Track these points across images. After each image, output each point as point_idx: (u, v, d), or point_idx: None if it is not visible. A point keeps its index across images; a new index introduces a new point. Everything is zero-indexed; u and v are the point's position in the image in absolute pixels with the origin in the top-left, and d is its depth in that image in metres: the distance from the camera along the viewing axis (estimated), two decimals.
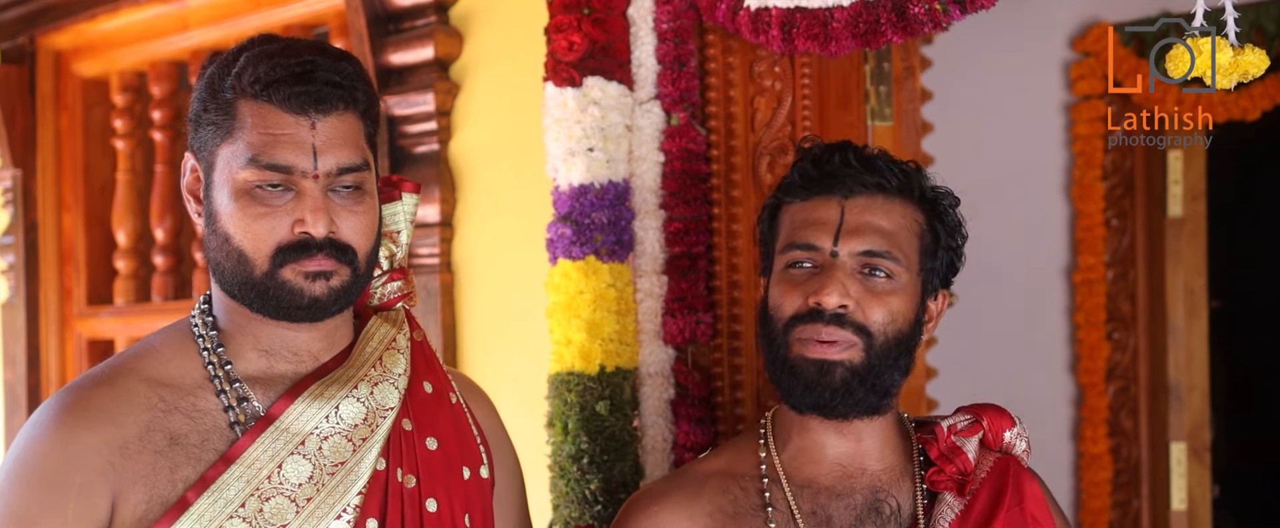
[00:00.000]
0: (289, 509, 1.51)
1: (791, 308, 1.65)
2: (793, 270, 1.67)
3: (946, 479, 1.66)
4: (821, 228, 1.66)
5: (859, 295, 1.63)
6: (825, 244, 1.65)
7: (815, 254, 1.66)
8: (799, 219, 1.69)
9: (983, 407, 1.73)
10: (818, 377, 1.63)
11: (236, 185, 1.52)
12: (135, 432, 1.51)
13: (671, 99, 2.14)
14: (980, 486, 1.66)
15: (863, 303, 1.63)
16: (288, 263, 1.52)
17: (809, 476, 1.69)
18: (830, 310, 1.62)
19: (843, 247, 1.65)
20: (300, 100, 1.51)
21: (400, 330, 1.69)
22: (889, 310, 1.64)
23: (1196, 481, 3.49)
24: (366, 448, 1.57)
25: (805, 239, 1.66)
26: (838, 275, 1.63)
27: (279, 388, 1.58)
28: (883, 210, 1.67)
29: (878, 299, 1.64)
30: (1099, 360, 3.46)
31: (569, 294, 2.07)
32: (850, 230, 1.65)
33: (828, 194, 1.67)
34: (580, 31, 2.09)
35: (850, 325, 1.62)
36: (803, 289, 1.64)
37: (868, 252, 1.64)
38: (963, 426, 1.70)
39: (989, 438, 1.70)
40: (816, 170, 1.69)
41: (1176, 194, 3.45)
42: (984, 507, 1.64)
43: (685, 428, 2.11)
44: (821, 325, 1.62)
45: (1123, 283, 3.49)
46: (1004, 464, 1.68)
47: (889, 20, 1.90)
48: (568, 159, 2.09)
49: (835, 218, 1.66)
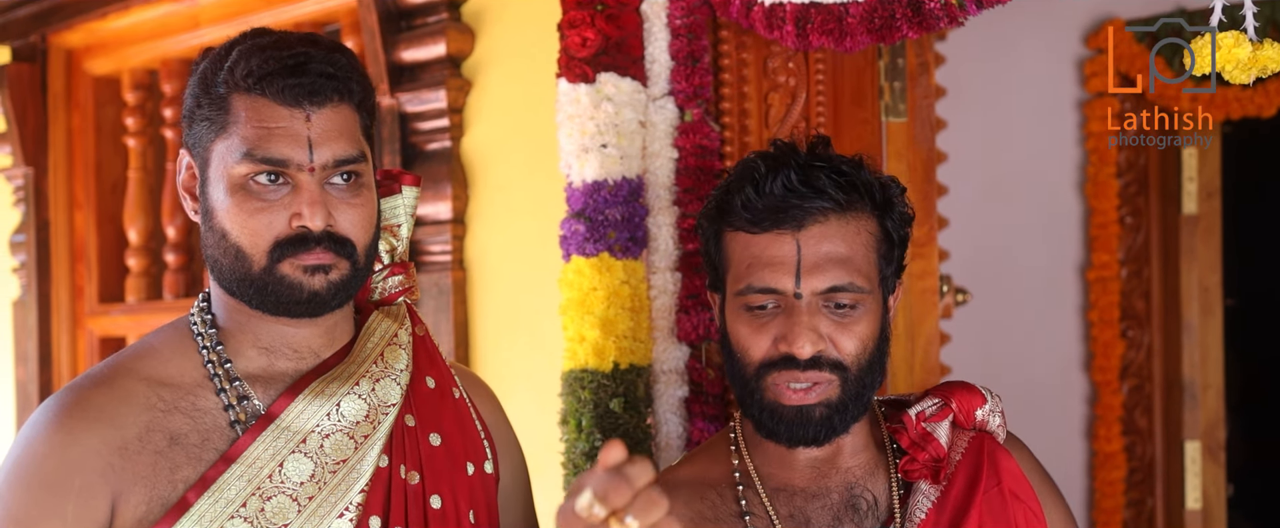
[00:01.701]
0: (291, 509, 1.49)
1: (760, 352, 1.58)
2: (755, 312, 1.59)
3: (920, 467, 1.63)
4: (779, 268, 1.57)
5: (830, 332, 1.57)
6: (786, 287, 1.57)
7: (777, 296, 1.58)
8: (751, 256, 1.60)
9: (952, 387, 1.69)
10: (798, 418, 1.59)
11: (232, 180, 1.50)
12: (135, 432, 1.49)
13: (685, 95, 2.13)
14: (955, 469, 1.63)
15: (835, 338, 1.57)
16: (286, 257, 1.50)
17: (783, 479, 1.66)
18: (804, 359, 1.56)
19: (806, 286, 1.56)
20: (294, 92, 1.49)
21: (402, 325, 1.68)
22: (860, 340, 1.58)
23: (1211, 479, 3.48)
24: (369, 445, 1.55)
25: (764, 282, 1.58)
26: (804, 320, 1.56)
27: (279, 386, 1.57)
28: (838, 234, 1.58)
29: (847, 332, 1.58)
30: (1113, 358, 3.45)
31: (582, 291, 2.06)
32: (810, 268, 1.56)
33: (778, 228, 1.58)
34: (594, 27, 2.08)
35: (826, 365, 1.57)
36: (768, 332, 1.58)
37: (832, 288, 1.57)
38: (931, 411, 1.66)
39: (960, 418, 1.66)
40: (762, 202, 1.58)
41: (1191, 191, 3.43)
42: (960, 491, 1.61)
43: (699, 425, 2.10)
44: (799, 372, 1.56)
45: (1137, 280, 3.48)
46: (978, 444, 1.65)
47: (904, 15, 1.89)
48: (581, 155, 2.09)
49: (792, 256, 1.57)
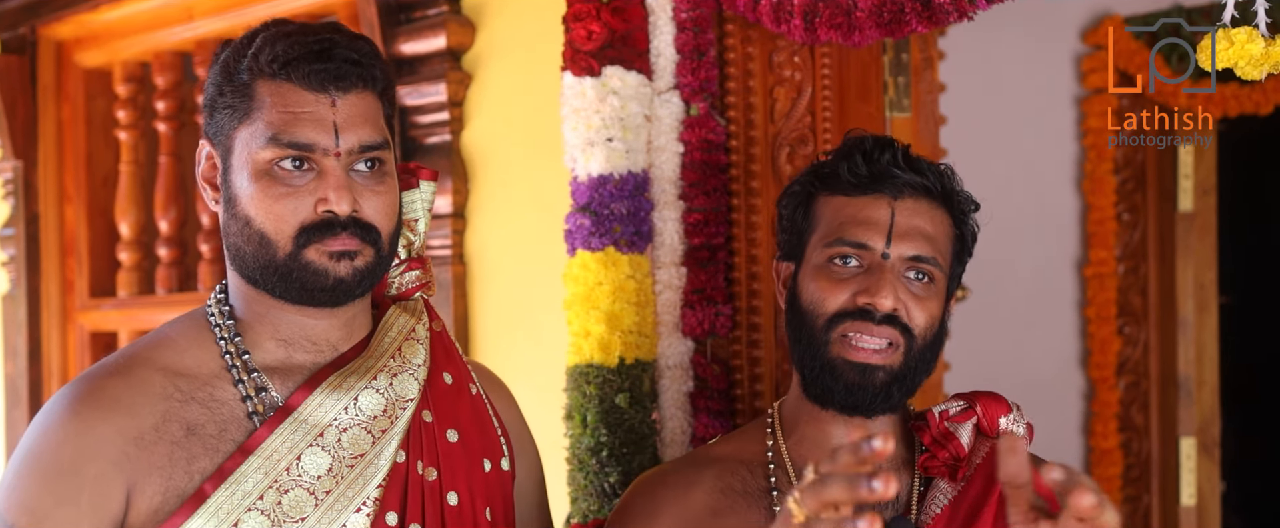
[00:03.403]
0: (308, 502, 1.48)
1: (836, 304, 1.64)
2: (835, 266, 1.66)
3: (939, 465, 1.66)
4: (873, 228, 1.65)
5: (905, 298, 1.64)
6: (877, 245, 1.65)
7: (864, 253, 1.65)
8: (846, 215, 1.67)
9: (978, 394, 1.73)
10: (859, 379, 1.63)
11: (256, 166, 1.49)
12: (151, 422, 1.48)
13: (691, 89, 2.11)
14: (974, 471, 1.66)
15: (909, 306, 1.64)
16: (311, 243, 1.49)
17: (812, 461, 1.68)
18: (883, 313, 1.62)
19: (894, 249, 1.64)
20: (320, 77, 1.49)
21: (419, 321, 1.67)
22: (929, 314, 1.65)
23: (1206, 476, 3.49)
24: (386, 440, 1.54)
25: (856, 237, 1.65)
26: (889, 278, 1.63)
27: (297, 378, 1.55)
28: (927, 214, 1.68)
29: (920, 303, 1.65)
30: (1110, 355, 3.45)
31: (588, 285, 2.05)
32: (901, 233, 1.65)
33: (877, 192, 1.67)
34: (599, 20, 2.07)
35: (899, 326, 1.63)
36: (848, 287, 1.64)
37: (917, 256, 1.65)
38: (955, 411, 1.70)
39: (984, 425, 1.70)
40: (868, 167, 1.67)
41: (1187, 188, 3.44)
42: (977, 492, 1.64)
43: (704, 421, 2.09)
44: (873, 325, 1.62)
45: (1134, 277, 3.48)
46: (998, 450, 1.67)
47: (914, 9, 1.88)
48: (586, 149, 2.07)
49: (886, 218, 1.65)
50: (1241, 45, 1.67)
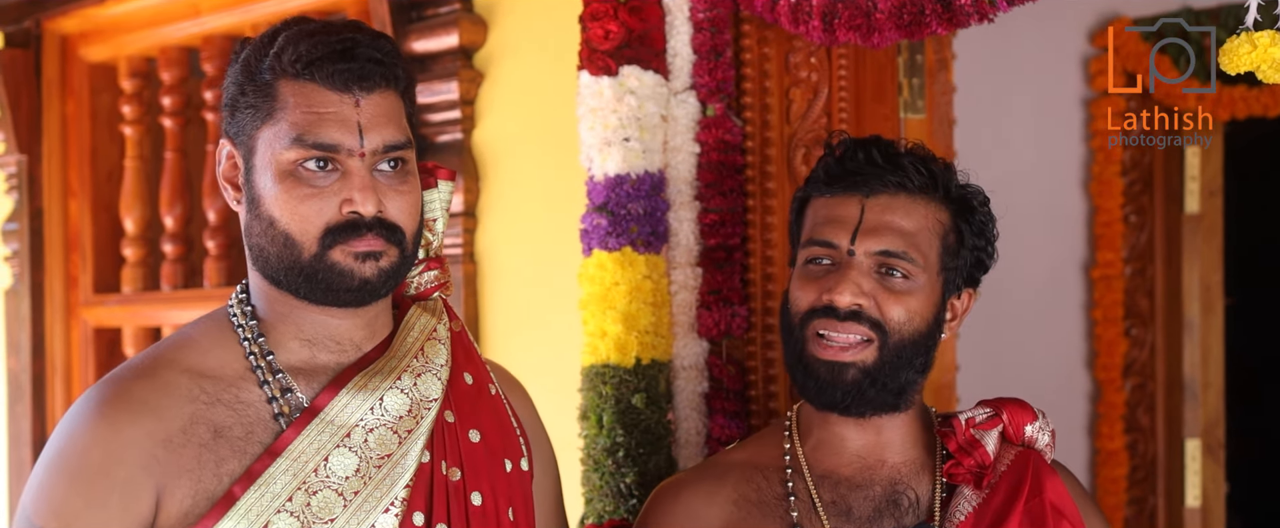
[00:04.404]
0: (337, 503, 1.47)
1: (806, 302, 1.67)
2: (811, 266, 1.69)
3: (964, 472, 1.67)
4: (840, 225, 1.67)
5: (874, 292, 1.64)
6: (842, 242, 1.66)
7: (833, 252, 1.67)
8: (821, 215, 1.70)
9: (1004, 401, 1.73)
10: (830, 377, 1.65)
11: (280, 167, 1.48)
12: (179, 425, 1.47)
13: (707, 89, 2.11)
14: (999, 479, 1.65)
15: (879, 300, 1.64)
16: (337, 244, 1.48)
17: (830, 467, 1.71)
18: (843, 309, 1.63)
19: (860, 245, 1.66)
20: (344, 77, 1.48)
21: (440, 321, 1.66)
22: (906, 309, 1.65)
23: (1210, 477, 3.49)
24: (412, 440, 1.54)
25: (823, 236, 1.68)
26: (852, 274, 1.64)
27: (322, 379, 1.55)
28: (904, 210, 1.67)
29: (895, 298, 1.65)
30: (1116, 356, 3.45)
31: (604, 286, 2.04)
32: (868, 229, 1.65)
33: (850, 191, 1.68)
34: (616, 20, 2.06)
35: (866, 321, 1.64)
36: (818, 285, 1.66)
37: (884, 252, 1.65)
38: (981, 418, 1.70)
39: (1010, 432, 1.70)
40: (840, 167, 1.70)
41: (1193, 190, 3.44)
42: (1002, 500, 1.64)
43: (719, 421, 2.09)
44: (837, 322, 1.63)
45: (1140, 279, 3.48)
46: (1024, 458, 1.67)
47: (934, 11, 1.88)
48: (603, 149, 2.06)
49: (855, 216, 1.66)
50: (1264, 49, 1.67)
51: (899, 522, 1.65)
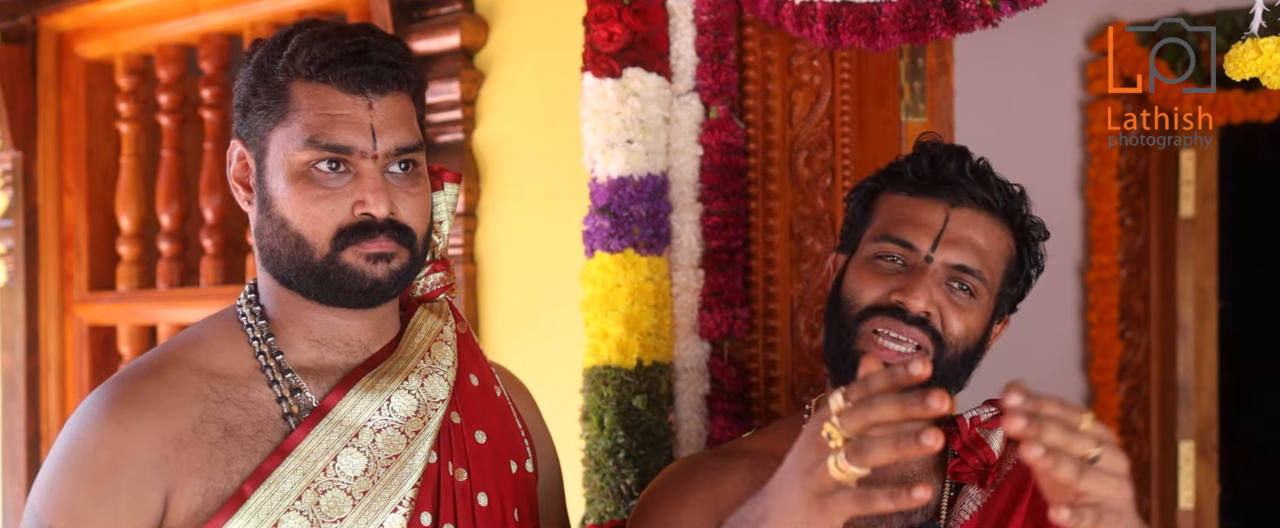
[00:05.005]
0: (345, 503, 1.48)
1: (871, 298, 1.64)
2: (881, 262, 1.66)
3: (969, 471, 1.66)
4: (923, 229, 1.65)
5: (942, 303, 1.62)
6: (923, 246, 1.64)
7: (909, 253, 1.65)
8: (900, 214, 1.67)
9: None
10: None
11: (293, 168, 1.49)
12: (189, 424, 1.47)
13: (711, 92, 2.11)
14: (1005, 478, 1.65)
15: (944, 312, 1.62)
16: (349, 245, 1.49)
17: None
18: (914, 314, 1.61)
19: (939, 254, 1.64)
20: (357, 80, 1.48)
21: (446, 322, 1.67)
22: (966, 325, 1.64)
23: (1204, 479, 3.51)
24: (419, 441, 1.55)
25: (903, 235, 1.65)
26: (927, 280, 1.62)
27: (331, 379, 1.55)
28: (984, 228, 1.66)
29: (958, 312, 1.63)
30: (1111, 359, 3.46)
31: (607, 287, 2.05)
32: (950, 240, 1.64)
33: (935, 197, 1.66)
34: (620, 22, 2.07)
35: (929, 331, 1.62)
36: (886, 283, 1.64)
37: (961, 266, 1.64)
38: (986, 417, 1.69)
39: None
40: (933, 171, 1.67)
41: (1188, 194, 3.46)
42: (1007, 499, 1.64)
43: (721, 423, 2.09)
44: (903, 325, 1.61)
45: (1136, 282, 3.49)
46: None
47: (939, 15, 1.89)
48: (606, 151, 2.07)
49: (938, 223, 1.64)
50: (1270, 55, 1.69)
51: (907, 520, 1.65)
